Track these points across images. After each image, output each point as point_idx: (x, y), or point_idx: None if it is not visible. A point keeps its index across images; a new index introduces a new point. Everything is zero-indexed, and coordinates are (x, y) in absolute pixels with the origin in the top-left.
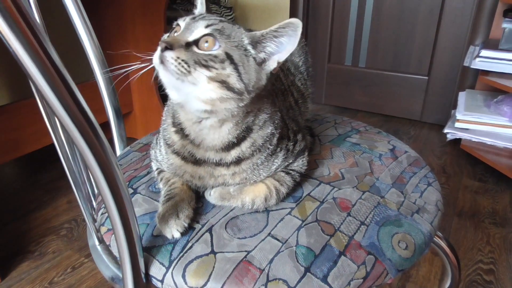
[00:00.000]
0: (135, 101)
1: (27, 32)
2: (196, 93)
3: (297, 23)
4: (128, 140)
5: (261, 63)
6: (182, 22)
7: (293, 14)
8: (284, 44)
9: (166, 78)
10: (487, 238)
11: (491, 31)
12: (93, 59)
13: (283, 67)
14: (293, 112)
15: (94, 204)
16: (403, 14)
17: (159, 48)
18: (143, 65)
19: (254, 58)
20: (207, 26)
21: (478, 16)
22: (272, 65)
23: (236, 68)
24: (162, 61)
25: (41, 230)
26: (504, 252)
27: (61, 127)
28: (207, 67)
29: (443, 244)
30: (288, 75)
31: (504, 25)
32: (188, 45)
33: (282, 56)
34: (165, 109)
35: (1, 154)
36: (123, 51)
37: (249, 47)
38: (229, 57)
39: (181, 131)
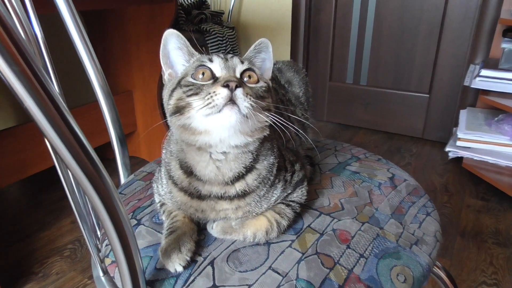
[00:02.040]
0: (139, 120)
1: (20, 61)
2: (245, 127)
3: (267, 41)
4: (132, 159)
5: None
6: (211, 64)
7: (294, 33)
8: (265, 60)
9: (229, 118)
10: (490, 258)
11: (491, 51)
12: (96, 85)
13: (283, 98)
14: (293, 143)
15: (99, 233)
16: (403, 34)
17: (225, 90)
18: (202, 107)
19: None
20: (242, 62)
21: (478, 36)
22: (269, 83)
23: (270, 91)
24: (232, 101)
25: (45, 251)
26: (507, 273)
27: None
28: (263, 98)
29: (442, 274)
30: (288, 105)
31: (504, 45)
32: (242, 81)
33: (268, 73)
34: (164, 151)
35: (7, 176)
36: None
37: (257, 70)
38: (267, 84)
39: (190, 172)
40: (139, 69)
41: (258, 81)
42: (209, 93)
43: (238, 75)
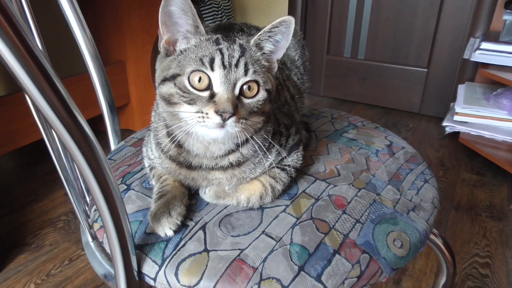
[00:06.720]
0: (132, 92)
1: (6, 28)
2: (233, 137)
3: (290, 20)
4: (125, 132)
5: (268, 68)
6: (212, 73)
7: (291, 5)
8: (279, 42)
9: (217, 135)
10: (484, 231)
11: (492, 23)
12: (86, 52)
13: None
14: (288, 108)
15: (88, 199)
16: (403, 6)
17: (218, 118)
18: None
19: (267, 69)
20: (246, 71)
21: (479, 8)
22: (275, 67)
23: (270, 96)
24: (222, 126)
25: (38, 222)
26: (500, 246)
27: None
28: (257, 111)
29: (438, 241)
30: (283, 69)
31: (505, 17)
32: (238, 99)
33: (280, 54)
34: (153, 114)
35: None
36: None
37: (264, 61)
38: (268, 91)
39: (178, 144)
40: (131, 39)
41: (258, 92)
42: (202, 112)
43: (237, 91)
